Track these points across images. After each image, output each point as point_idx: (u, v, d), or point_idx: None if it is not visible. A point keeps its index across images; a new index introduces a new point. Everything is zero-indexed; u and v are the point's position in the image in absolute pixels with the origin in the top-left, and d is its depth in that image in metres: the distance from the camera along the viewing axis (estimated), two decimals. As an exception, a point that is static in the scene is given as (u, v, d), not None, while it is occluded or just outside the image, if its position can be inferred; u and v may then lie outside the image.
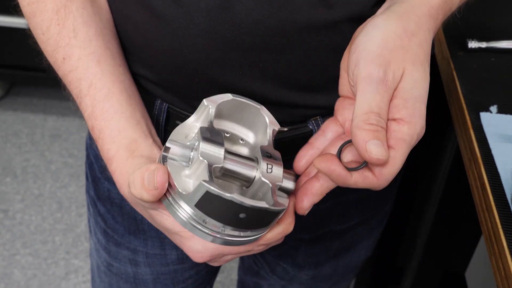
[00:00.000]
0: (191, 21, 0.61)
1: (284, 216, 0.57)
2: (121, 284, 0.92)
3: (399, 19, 0.56)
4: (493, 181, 0.77)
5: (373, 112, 0.52)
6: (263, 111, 0.57)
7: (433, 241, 1.18)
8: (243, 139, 0.59)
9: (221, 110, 0.57)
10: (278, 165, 0.55)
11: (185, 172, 0.53)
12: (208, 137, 0.53)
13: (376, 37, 0.55)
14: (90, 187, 0.86)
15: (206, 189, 0.49)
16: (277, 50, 0.62)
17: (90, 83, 0.62)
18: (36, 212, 2.05)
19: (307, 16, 0.60)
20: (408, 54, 0.55)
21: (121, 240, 0.86)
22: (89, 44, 0.64)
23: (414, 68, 0.54)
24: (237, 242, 0.55)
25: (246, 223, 0.53)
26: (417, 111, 0.54)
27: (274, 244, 0.60)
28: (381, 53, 0.54)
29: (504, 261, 0.70)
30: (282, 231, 0.58)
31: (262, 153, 0.55)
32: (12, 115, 2.43)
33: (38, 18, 0.65)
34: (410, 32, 0.56)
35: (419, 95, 0.54)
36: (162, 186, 0.52)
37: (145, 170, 0.53)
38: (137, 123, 0.61)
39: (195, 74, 0.65)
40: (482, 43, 0.97)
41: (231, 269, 1.90)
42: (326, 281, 0.98)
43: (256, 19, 0.60)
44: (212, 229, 0.53)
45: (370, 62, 0.54)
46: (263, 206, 0.51)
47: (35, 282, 1.84)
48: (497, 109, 0.87)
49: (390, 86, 0.54)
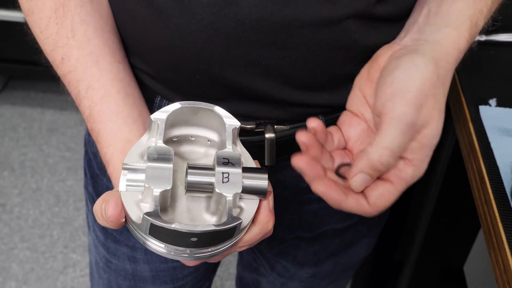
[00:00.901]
0: (193, 16, 0.60)
1: (260, 216, 0.55)
2: (120, 280, 0.91)
3: (436, 65, 0.58)
4: (492, 175, 0.77)
5: (391, 150, 0.55)
6: (218, 111, 0.55)
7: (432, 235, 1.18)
8: (210, 139, 0.58)
9: (177, 118, 0.56)
10: (236, 170, 0.53)
11: (140, 197, 0.52)
12: (154, 158, 0.52)
13: (416, 79, 0.57)
14: (89, 183, 0.86)
15: (150, 222, 0.49)
16: (281, 47, 0.62)
17: (88, 85, 0.62)
18: (33, 206, 2.05)
19: (311, 13, 0.60)
20: (437, 103, 0.57)
21: (120, 237, 0.85)
22: (88, 43, 0.63)
23: (440, 118, 0.57)
24: (210, 255, 0.54)
25: (204, 243, 0.52)
26: (426, 158, 0.57)
27: (261, 240, 0.59)
28: (418, 96, 0.56)
29: (503, 255, 0.70)
30: (260, 232, 0.56)
31: (218, 160, 0.53)
32: (10, 109, 2.42)
33: (37, 16, 0.64)
34: (442, 81, 0.58)
35: (435, 143, 0.57)
36: (116, 218, 0.52)
37: (102, 201, 0.53)
38: (133, 122, 0.61)
39: (196, 71, 0.64)
40: (482, 36, 0.97)
41: (229, 263, 1.90)
42: (326, 279, 0.97)
43: (259, 16, 0.59)
44: (178, 251, 0.53)
45: (408, 103, 0.56)
46: (208, 229, 0.49)
47: (33, 276, 1.84)
48: (496, 102, 0.87)
49: (416, 130, 0.56)
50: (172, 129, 0.57)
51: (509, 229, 0.71)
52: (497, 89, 0.90)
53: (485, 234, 0.76)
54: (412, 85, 0.56)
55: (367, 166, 0.56)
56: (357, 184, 0.57)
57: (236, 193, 0.52)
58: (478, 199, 0.79)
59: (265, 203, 0.55)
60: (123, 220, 0.53)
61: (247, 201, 0.54)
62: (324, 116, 0.70)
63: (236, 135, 0.56)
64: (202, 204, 0.55)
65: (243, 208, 0.54)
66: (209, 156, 0.58)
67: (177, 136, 0.58)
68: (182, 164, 0.57)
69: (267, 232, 0.57)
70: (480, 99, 0.88)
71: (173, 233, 0.50)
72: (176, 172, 0.56)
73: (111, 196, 0.53)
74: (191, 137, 0.58)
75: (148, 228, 0.50)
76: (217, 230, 0.50)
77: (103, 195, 0.54)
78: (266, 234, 0.58)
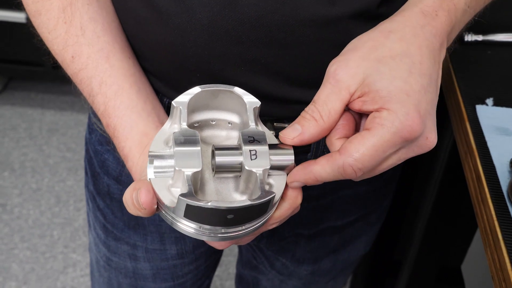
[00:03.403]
0: (193, 16, 0.61)
1: (289, 191, 0.56)
2: (121, 279, 0.92)
3: (381, 24, 0.56)
4: (488, 174, 0.77)
5: (313, 103, 0.54)
6: (237, 92, 0.56)
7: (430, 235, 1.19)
8: (230, 121, 0.59)
9: (197, 103, 0.56)
10: (262, 147, 0.53)
11: (170, 182, 0.53)
12: (181, 142, 0.52)
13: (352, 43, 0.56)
14: (90, 182, 0.86)
15: (185, 203, 0.49)
16: (280, 46, 0.62)
17: (101, 81, 0.63)
18: (34, 206, 2.05)
19: (310, 11, 0.60)
20: (375, 52, 0.54)
21: (121, 235, 0.86)
22: (97, 40, 0.63)
23: (379, 63, 0.53)
24: (244, 234, 0.55)
25: (239, 220, 0.52)
26: (399, 100, 0.51)
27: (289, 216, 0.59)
28: (343, 52, 0.55)
29: (499, 253, 0.70)
30: (290, 207, 0.57)
31: (244, 139, 0.54)
32: (10, 110, 2.43)
33: (44, 17, 0.64)
34: (388, 31, 0.55)
35: (397, 86, 0.52)
36: (149, 205, 0.52)
37: (132, 189, 0.53)
38: (148, 115, 0.62)
39: (197, 70, 0.65)
40: (479, 36, 0.98)
41: (229, 263, 1.90)
42: (324, 276, 0.98)
43: (259, 14, 0.60)
44: (211, 232, 0.53)
45: (332, 62, 0.54)
46: (245, 204, 0.50)
47: (33, 276, 1.84)
48: (493, 101, 0.88)
49: (338, 79, 0.53)
50: (192, 114, 0.57)
51: (505, 227, 0.71)
52: (494, 88, 0.90)
53: (482, 232, 0.76)
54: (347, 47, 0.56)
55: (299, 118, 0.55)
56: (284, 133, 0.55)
57: (265, 168, 0.52)
58: (474, 198, 0.79)
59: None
60: (155, 207, 0.53)
61: (275, 177, 0.55)
62: None
63: (257, 115, 0.56)
64: (231, 185, 0.56)
65: (272, 184, 0.54)
66: (231, 139, 0.59)
67: (197, 121, 0.58)
68: (206, 148, 0.57)
69: (296, 207, 0.57)
70: (477, 98, 0.88)
71: (210, 212, 0.50)
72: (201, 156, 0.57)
73: (142, 184, 0.53)
74: (212, 121, 0.59)
75: (184, 210, 0.51)
76: (253, 205, 0.50)
77: (132, 184, 0.54)
78: (295, 210, 0.58)
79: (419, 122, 0.51)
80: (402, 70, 0.53)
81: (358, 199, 0.86)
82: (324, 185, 0.79)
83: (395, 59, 0.53)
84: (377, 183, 0.85)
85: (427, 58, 0.54)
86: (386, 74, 0.52)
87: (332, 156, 0.53)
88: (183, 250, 0.87)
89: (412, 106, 0.51)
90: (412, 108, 0.51)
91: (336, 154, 0.52)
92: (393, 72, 0.52)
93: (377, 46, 0.54)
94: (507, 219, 0.72)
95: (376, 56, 0.53)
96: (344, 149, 0.52)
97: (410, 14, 0.56)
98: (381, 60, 0.53)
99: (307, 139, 0.54)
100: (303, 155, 0.74)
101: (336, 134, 0.55)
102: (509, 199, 0.74)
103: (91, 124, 0.83)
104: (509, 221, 0.72)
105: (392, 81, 0.52)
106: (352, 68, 0.53)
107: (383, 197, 0.91)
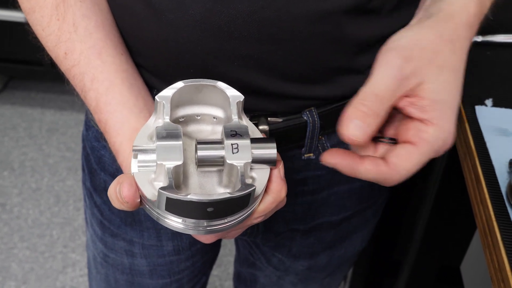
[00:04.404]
0: (186, 11, 0.61)
1: (272, 185, 0.56)
2: (118, 275, 0.92)
3: (434, 27, 0.57)
4: (487, 174, 0.78)
5: (376, 94, 0.53)
6: (220, 86, 0.56)
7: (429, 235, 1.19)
8: (215, 116, 0.59)
9: (182, 98, 0.57)
10: (244, 141, 0.54)
11: (153, 176, 0.53)
12: (164, 136, 0.53)
13: (409, 35, 0.56)
14: (87, 178, 0.87)
15: (165, 196, 0.50)
16: (272, 41, 0.62)
17: (93, 77, 0.63)
18: (33, 206, 2.05)
19: (302, 6, 0.60)
20: (437, 58, 0.55)
21: (117, 231, 0.86)
22: (90, 37, 0.64)
23: (440, 72, 0.55)
24: (228, 227, 0.55)
25: (220, 213, 0.53)
26: (445, 115, 0.54)
27: (276, 210, 0.59)
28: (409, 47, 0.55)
29: (498, 254, 0.70)
30: (274, 200, 0.57)
31: (226, 133, 0.54)
32: (10, 109, 2.43)
33: (38, 14, 0.65)
34: (446, 39, 0.56)
35: (447, 100, 0.54)
36: (131, 199, 0.53)
37: (116, 184, 0.54)
38: (139, 111, 0.62)
39: (190, 65, 0.65)
40: (478, 37, 0.98)
41: (228, 263, 1.90)
42: (321, 272, 0.98)
43: (251, 10, 0.60)
44: (194, 225, 0.54)
45: (393, 51, 0.55)
46: (224, 197, 0.50)
47: (33, 276, 1.85)
48: (492, 102, 0.88)
49: (405, 77, 0.54)
50: (177, 109, 0.58)
51: (504, 228, 0.71)
52: (493, 89, 0.90)
53: (481, 233, 0.76)
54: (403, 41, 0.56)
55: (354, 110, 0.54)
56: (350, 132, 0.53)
57: (246, 162, 0.53)
58: (473, 198, 0.79)
59: (275, 171, 0.56)
60: (138, 201, 0.54)
61: (258, 171, 0.55)
62: (317, 108, 0.71)
63: (241, 109, 0.57)
64: (214, 179, 0.56)
65: (254, 177, 0.55)
66: (216, 133, 0.59)
67: (182, 116, 0.59)
68: (191, 143, 0.58)
69: (280, 201, 0.58)
70: (476, 99, 0.88)
71: (189, 205, 0.50)
72: (186, 151, 0.57)
73: (125, 178, 0.54)
74: (197, 116, 0.59)
75: (164, 203, 0.51)
76: (232, 198, 0.50)
77: (117, 178, 0.55)
78: (280, 204, 0.58)
79: (454, 138, 0.55)
80: (456, 86, 0.55)
81: (353, 195, 0.86)
82: (319, 181, 0.80)
83: (452, 73, 0.55)
84: None
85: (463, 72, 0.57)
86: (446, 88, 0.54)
87: (379, 166, 0.54)
88: (180, 246, 0.88)
89: (453, 124, 0.54)
90: (453, 125, 0.54)
91: (383, 166, 0.54)
92: (451, 88, 0.55)
93: (438, 53, 0.55)
94: (506, 220, 0.73)
95: (438, 63, 0.55)
96: (394, 165, 0.54)
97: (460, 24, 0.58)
98: (442, 70, 0.54)
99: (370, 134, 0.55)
100: (297, 150, 0.74)
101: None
102: (508, 200, 0.74)
103: (88, 120, 0.84)
104: (508, 222, 0.72)
105: (448, 97, 0.54)
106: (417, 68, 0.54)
107: (378, 193, 0.91)
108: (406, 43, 0.56)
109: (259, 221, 0.59)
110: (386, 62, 0.55)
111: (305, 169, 0.78)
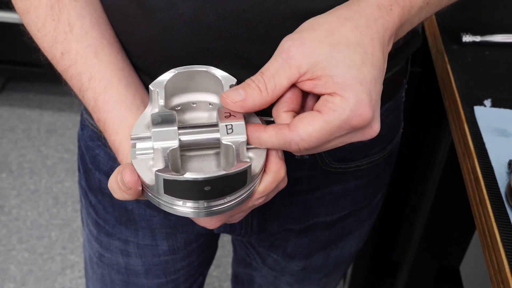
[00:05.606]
0: (176, 11, 0.61)
1: (270, 164, 0.57)
2: (113, 275, 0.92)
3: (337, 9, 0.57)
4: (486, 175, 0.77)
5: (261, 72, 0.55)
6: (212, 71, 0.57)
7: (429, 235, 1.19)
8: (211, 102, 0.60)
9: (176, 86, 0.58)
10: (238, 122, 0.55)
11: (151, 163, 0.54)
12: (158, 122, 0.54)
13: (308, 21, 0.56)
14: (82, 178, 0.87)
15: (162, 177, 0.51)
16: (261, 40, 0.62)
17: (90, 76, 0.63)
18: (32, 208, 2.05)
19: (290, 5, 0.60)
20: (332, 36, 0.55)
21: (112, 231, 0.86)
22: (85, 36, 0.64)
23: (333, 49, 0.54)
24: (228, 207, 0.56)
25: (218, 191, 0.54)
26: (348, 86, 0.53)
27: (277, 191, 0.60)
28: (299, 30, 0.55)
29: (497, 254, 0.70)
30: (273, 180, 0.57)
31: (220, 115, 0.55)
32: (8, 111, 2.42)
33: (33, 15, 0.65)
34: (344, 17, 0.56)
35: (346, 73, 0.53)
36: (134, 185, 0.54)
37: (117, 173, 0.55)
38: (137, 109, 0.62)
39: (180, 64, 0.65)
40: (477, 37, 0.98)
41: (227, 264, 1.90)
42: (317, 272, 0.98)
43: (240, 9, 0.60)
44: (194, 207, 0.55)
45: (286, 37, 0.55)
46: (219, 174, 0.51)
47: (31, 278, 1.84)
48: (491, 103, 0.88)
49: (291, 56, 0.54)
50: (172, 98, 0.59)
51: (503, 229, 0.71)
52: (492, 89, 0.90)
53: (480, 234, 0.76)
54: (299, 28, 0.56)
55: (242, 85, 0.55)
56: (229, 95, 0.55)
57: (242, 141, 0.54)
58: (472, 199, 0.79)
59: (273, 151, 0.56)
60: (140, 188, 0.54)
61: (255, 150, 0.56)
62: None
63: None
64: (213, 162, 0.57)
65: (252, 157, 0.56)
66: (213, 120, 0.60)
67: (178, 105, 0.60)
68: None
69: (280, 181, 0.58)
70: (475, 99, 0.88)
71: (187, 185, 0.51)
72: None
73: (125, 166, 0.54)
74: (193, 104, 0.60)
75: (162, 186, 0.52)
76: (227, 175, 0.52)
77: (117, 168, 0.55)
78: (281, 184, 0.59)
79: (369, 112, 0.53)
80: (356, 59, 0.54)
81: (347, 195, 0.86)
82: (313, 180, 0.80)
83: (349, 48, 0.54)
84: (367, 178, 0.85)
85: (378, 50, 0.56)
86: (341, 62, 0.54)
87: (281, 130, 0.54)
88: (174, 246, 0.88)
89: (364, 96, 0.53)
90: (364, 97, 0.53)
91: (286, 129, 0.54)
92: (348, 61, 0.54)
93: (333, 31, 0.55)
94: (505, 220, 0.72)
95: (331, 41, 0.54)
96: (294, 126, 0.54)
97: (367, 5, 0.57)
98: (336, 46, 0.54)
99: (248, 107, 0.55)
100: None
101: (283, 107, 0.56)
102: (507, 200, 0.74)
103: (83, 120, 0.84)
104: (507, 223, 0.72)
105: (347, 69, 0.53)
106: (307, 48, 0.54)
107: (373, 193, 0.91)
108: (299, 28, 0.56)
109: (260, 202, 0.60)
110: (277, 48, 0.55)
111: (299, 168, 0.78)
